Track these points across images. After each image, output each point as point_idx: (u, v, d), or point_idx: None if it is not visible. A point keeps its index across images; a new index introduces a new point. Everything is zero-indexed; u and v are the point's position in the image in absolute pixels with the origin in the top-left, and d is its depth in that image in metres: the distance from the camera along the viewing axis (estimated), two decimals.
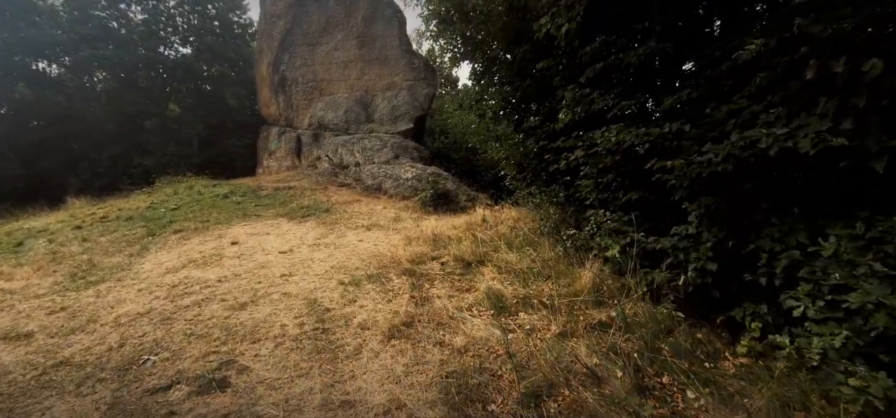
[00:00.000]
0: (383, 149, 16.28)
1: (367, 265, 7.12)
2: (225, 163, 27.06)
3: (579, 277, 5.93)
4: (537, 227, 9.27)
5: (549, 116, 7.88)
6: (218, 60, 28.57)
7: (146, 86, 27.26)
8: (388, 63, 18.20)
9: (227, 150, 27.54)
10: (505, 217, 10.51)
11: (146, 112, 27.06)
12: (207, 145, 27.60)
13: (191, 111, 27.45)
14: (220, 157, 27.30)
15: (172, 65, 27.75)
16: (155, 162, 25.73)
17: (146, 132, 27.03)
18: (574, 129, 6.58)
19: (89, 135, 26.93)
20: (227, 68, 28.68)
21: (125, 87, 26.96)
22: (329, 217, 10.80)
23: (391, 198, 13.91)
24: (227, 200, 13.86)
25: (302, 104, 20.03)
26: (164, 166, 25.24)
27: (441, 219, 11.05)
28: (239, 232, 9.87)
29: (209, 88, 28.61)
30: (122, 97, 26.31)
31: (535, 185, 11.36)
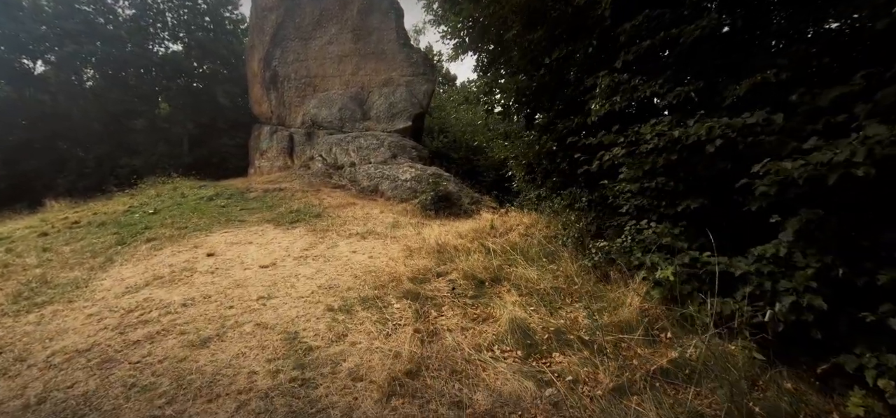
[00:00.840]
0: (380, 148, 15.06)
1: (362, 284, 5.91)
2: (216, 163, 25.70)
3: (621, 303, 4.76)
4: (553, 235, 8.12)
5: (571, 109, 6.72)
6: (209, 57, 27.17)
7: (134, 83, 25.85)
8: (385, 57, 16.96)
9: (219, 150, 26.17)
10: (514, 222, 9.34)
11: (135, 111, 25.64)
12: (198, 145, 26.21)
13: (181, 110, 26.06)
14: (211, 157, 25.94)
15: (162, 62, 26.34)
16: (143, 162, 24.34)
17: (134, 131, 25.61)
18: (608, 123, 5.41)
19: (76, 135, 25.46)
20: (219, 65, 27.28)
21: (112, 84, 25.52)
22: (320, 223, 9.57)
23: (389, 200, 12.70)
24: (212, 203, 12.59)
25: (294, 101, 18.76)
26: (152, 167, 23.87)
27: (444, 225, 9.86)
28: (218, 240, 8.63)
29: (200, 86, 27.22)
30: (109, 95, 24.87)
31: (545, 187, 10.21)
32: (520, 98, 7.19)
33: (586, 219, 7.15)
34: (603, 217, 7.10)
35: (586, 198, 6.94)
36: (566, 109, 6.84)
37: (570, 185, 8.34)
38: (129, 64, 25.70)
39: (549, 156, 7.82)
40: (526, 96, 7.22)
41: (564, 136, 6.77)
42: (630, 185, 5.06)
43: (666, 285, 4.44)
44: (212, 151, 26.15)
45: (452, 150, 18.26)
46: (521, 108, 7.71)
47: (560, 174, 8.13)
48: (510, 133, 8.99)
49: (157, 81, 26.69)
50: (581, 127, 6.26)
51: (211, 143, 26.45)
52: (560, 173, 8.11)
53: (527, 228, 8.81)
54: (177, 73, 26.59)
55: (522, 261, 6.57)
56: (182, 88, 26.37)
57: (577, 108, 6.50)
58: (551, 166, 8.67)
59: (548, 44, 6.72)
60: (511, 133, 8.97)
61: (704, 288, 4.36)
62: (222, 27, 27.32)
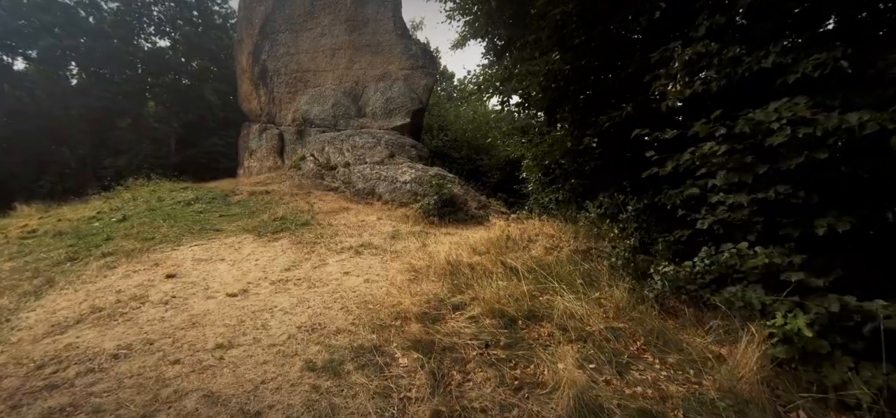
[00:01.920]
0: (376, 146, 13.52)
1: (355, 323, 4.39)
2: (205, 163, 24.05)
3: (717, 359, 3.29)
4: (585, 249, 6.67)
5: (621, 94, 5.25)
6: (197, 53, 25.44)
7: (119, 80, 24.07)
8: (382, 50, 15.40)
9: (209, 150, 24.50)
10: (532, 231, 7.87)
11: (119, 109, 23.87)
12: (187, 144, 24.51)
13: (168, 108, 24.33)
14: (200, 157, 24.27)
15: (148, 58, 24.57)
16: (127, 162, 22.63)
17: (118, 130, 23.86)
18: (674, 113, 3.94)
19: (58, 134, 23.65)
20: (208, 62, 25.57)
21: (96, 81, 23.74)
22: (307, 233, 8.02)
23: (386, 204, 11.18)
24: (189, 209, 11.00)
25: (285, 98, 17.15)
26: (137, 167, 22.21)
27: (451, 234, 8.36)
28: (185, 256, 7.07)
29: (188, 83, 25.48)
30: (91, 92, 23.09)
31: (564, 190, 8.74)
32: (549, 83, 5.70)
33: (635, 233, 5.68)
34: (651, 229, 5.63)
35: (634, 206, 5.47)
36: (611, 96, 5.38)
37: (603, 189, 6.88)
38: (113, 60, 23.90)
39: (582, 154, 6.35)
40: (557, 82, 5.73)
41: (608, 130, 5.29)
42: (735, 196, 3.55)
43: (797, 341, 2.97)
44: (201, 151, 24.48)
45: (453, 149, 16.76)
46: (546, 98, 6.21)
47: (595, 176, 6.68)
48: (528, 128, 7.51)
49: (143, 79, 24.92)
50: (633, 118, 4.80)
51: (200, 143, 24.77)
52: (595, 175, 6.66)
53: (550, 240, 7.34)
54: (163, 70, 24.84)
55: (557, 286, 5.10)
56: (169, 86, 24.63)
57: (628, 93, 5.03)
58: (582, 167, 7.19)
59: (589, 15, 5.24)
60: (529, 128, 7.49)
61: (854, 345, 2.91)
62: (211, 21, 25.59)
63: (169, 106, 24.29)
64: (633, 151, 5.61)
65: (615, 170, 6.17)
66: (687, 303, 4.73)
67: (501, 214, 10.35)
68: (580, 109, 5.87)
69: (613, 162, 6.12)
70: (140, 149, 23.26)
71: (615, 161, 6.05)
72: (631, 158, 5.67)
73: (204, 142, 24.65)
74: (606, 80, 5.46)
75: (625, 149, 5.57)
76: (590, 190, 7.77)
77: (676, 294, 4.62)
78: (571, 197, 8.80)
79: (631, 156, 5.67)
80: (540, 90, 5.90)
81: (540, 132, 7.40)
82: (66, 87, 24.56)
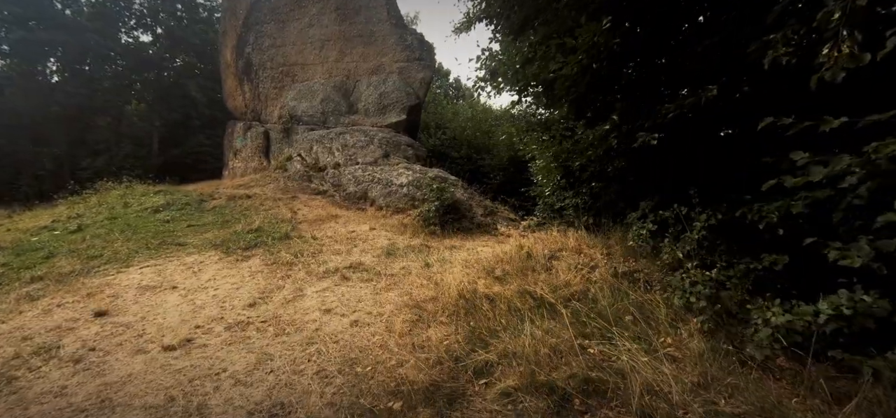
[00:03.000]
0: (369, 145, 12.02)
1: (334, 404, 2.93)
2: (191, 164, 22.33)
3: None
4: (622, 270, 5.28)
5: (696, 73, 3.82)
6: (182, 48, 23.68)
7: (98, 77, 22.26)
8: (375, 40, 13.87)
9: (194, 150, 22.78)
10: (552, 243, 6.50)
11: (97, 107, 22.06)
12: (171, 144, 22.77)
13: (150, 105, 22.56)
14: (185, 158, 22.55)
15: (129, 53, 22.78)
16: (106, 163, 20.88)
17: (97, 129, 22.06)
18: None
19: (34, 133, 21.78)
20: (193, 58, 23.82)
21: (72, 78, 21.91)
22: (286, 249, 6.52)
23: (380, 210, 9.70)
24: (156, 217, 9.44)
25: (271, 93, 15.56)
26: (117, 168, 20.45)
27: (457, 248, 6.92)
28: (131, 281, 5.55)
29: (172, 80, 23.70)
30: (68, 89, 21.26)
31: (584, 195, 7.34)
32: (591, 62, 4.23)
33: (711, 257, 4.26)
34: (720, 252, 4.23)
35: (705, 222, 4.05)
36: (677, 77, 3.97)
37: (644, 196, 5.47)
38: (91, 55, 22.06)
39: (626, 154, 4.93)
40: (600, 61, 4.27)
41: (671, 122, 3.87)
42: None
43: None
44: (186, 151, 22.76)
45: (452, 149, 15.27)
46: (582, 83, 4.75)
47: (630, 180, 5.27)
48: (552, 124, 6.07)
49: (124, 75, 23.12)
50: (717, 102, 3.39)
51: (185, 142, 23.04)
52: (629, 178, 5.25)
53: (577, 257, 5.94)
54: (145, 66, 23.05)
55: (609, 329, 3.70)
56: (152, 82, 22.85)
57: (708, 71, 3.61)
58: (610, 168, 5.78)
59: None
60: (553, 124, 6.06)
61: None
62: (196, 15, 23.82)
63: (151, 103, 22.50)
64: (709, 148, 4.20)
65: (672, 173, 4.75)
66: (793, 360, 3.35)
67: (511, 222, 8.92)
68: (634, 95, 4.45)
69: (670, 163, 4.70)
70: (120, 149, 21.51)
71: (674, 162, 4.63)
72: (704, 158, 4.26)
73: (189, 141, 22.93)
74: (672, 55, 4.05)
75: (695, 147, 4.15)
76: (624, 196, 6.36)
77: (784, 352, 3.23)
78: (592, 203, 7.40)
79: (704, 154, 4.26)
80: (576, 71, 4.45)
81: (565, 128, 5.99)
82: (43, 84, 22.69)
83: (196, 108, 23.04)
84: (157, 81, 22.88)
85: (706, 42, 3.52)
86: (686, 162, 4.35)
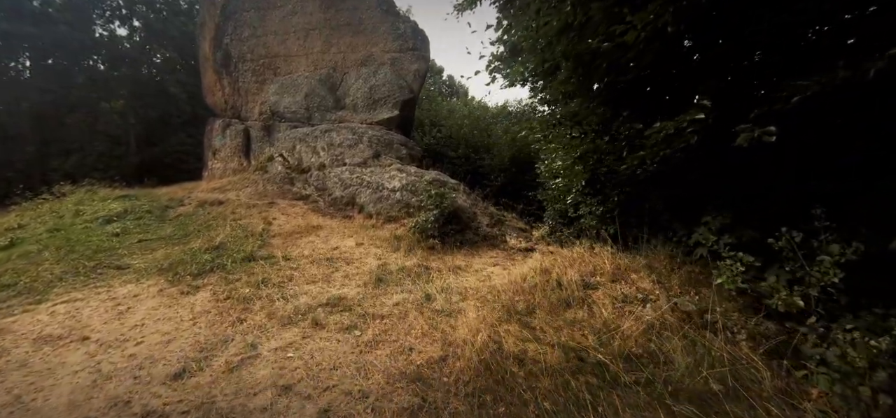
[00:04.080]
0: (358, 145, 10.53)
1: None
2: (170, 164, 20.58)
3: None
4: (685, 307, 3.94)
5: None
6: (161, 42, 21.87)
7: (71, 72, 20.40)
8: (364, 29, 12.34)
9: (174, 149, 21.01)
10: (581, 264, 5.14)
11: (71, 103, 20.20)
12: (149, 143, 20.97)
13: (127, 102, 20.74)
14: (164, 158, 20.78)
15: (104, 47, 20.93)
16: (78, 163, 19.06)
17: (71, 127, 20.20)
18: None
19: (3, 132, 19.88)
20: (174, 52, 22.01)
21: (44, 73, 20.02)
22: (247, 276, 5.03)
23: (370, 218, 8.23)
24: (105, 229, 7.88)
25: (251, 88, 13.97)
26: (90, 168, 18.71)
27: (463, 270, 5.50)
28: (33, 326, 4.03)
29: (150, 75, 21.90)
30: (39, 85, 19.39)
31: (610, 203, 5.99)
32: (668, 22, 2.85)
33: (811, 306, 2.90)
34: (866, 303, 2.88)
35: (839, 256, 2.68)
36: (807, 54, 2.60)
37: (704, 208, 4.11)
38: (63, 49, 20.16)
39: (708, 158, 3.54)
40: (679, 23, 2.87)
41: (793, 110, 2.48)
42: None
43: None
44: (166, 150, 20.98)
45: (449, 148, 13.81)
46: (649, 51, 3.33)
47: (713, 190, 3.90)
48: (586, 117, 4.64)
49: (99, 70, 21.25)
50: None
51: (165, 141, 21.24)
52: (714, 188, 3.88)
53: (616, 285, 4.58)
54: (122, 61, 21.22)
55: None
56: (128, 78, 20.98)
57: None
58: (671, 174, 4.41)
59: None
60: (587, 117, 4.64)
61: None
62: (176, 6, 22.00)
63: (129, 100, 20.67)
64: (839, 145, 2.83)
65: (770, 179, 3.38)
66: None
67: (521, 233, 7.52)
68: (737, 80, 3.09)
69: (763, 165, 3.32)
70: (94, 148, 19.70)
71: (774, 163, 3.25)
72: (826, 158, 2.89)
73: (169, 140, 21.17)
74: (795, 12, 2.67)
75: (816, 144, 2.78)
76: (673, 207, 4.99)
77: None
78: (620, 212, 6.03)
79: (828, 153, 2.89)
80: (644, 37, 3.06)
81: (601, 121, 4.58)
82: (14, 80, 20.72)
83: (176, 105, 21.27)
84: (134, 77, 21.03)
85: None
86: (797, 164, 2.97)
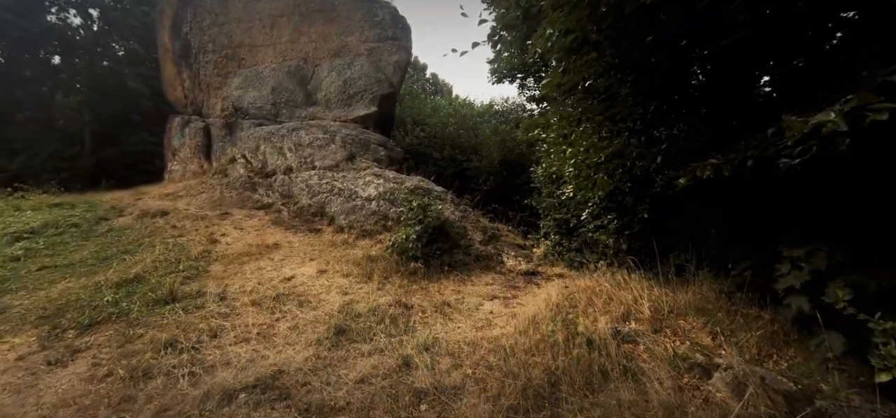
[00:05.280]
0: (330, 145, 9.01)
1: None
2: (131, 164, 18.50)
3: None
4: (785, 388, 2.63)
5: None
6: (121, 33, 19.76)
7: (15, 64, 18.15)
8: (338, 16, 10.79)
9: (135, 149, 18.91)
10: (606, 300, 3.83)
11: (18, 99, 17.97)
12: (107, 142, 18.84)
13: (81, 97, 18.60)
14: (124, 158, 18.69)
15: (55, 37, 18.72)
16: (24, 164, 16.87)
17: (15, 126, 17.97)
18: None
19: None
20: (135, 44, 19.91)
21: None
22: (155, 332, 3.52)
23: (341, 233, 6.76)
24: (6, 251, 6.18)
25: (213, 82, 12.26)
26: (39, 170, 16.62)
27: (453, 311, 4.14)
28: None
29: (107, 69, 19.76)
30: None
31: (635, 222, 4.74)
32: None
33: None
34: None
35: None
36: None
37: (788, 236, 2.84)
38: (9, 39, 17.88)
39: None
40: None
41: None
42: None
43: None
44: (125, 150, 18.86)
45: (433, 148, 12.38)
46: None
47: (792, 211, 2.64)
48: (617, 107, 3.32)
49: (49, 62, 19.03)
50: None
51: (125, 140, 19.10)
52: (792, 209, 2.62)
53: (668, 336, 3.28)
54: (74, 51, 19.04)
55: None
56: (83, 71, 18.82)
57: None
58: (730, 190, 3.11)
59: None
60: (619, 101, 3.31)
61: None
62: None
63: (83, 95, 18.52)
64: None
65: None
66: None
67: (520, 252, 6.17)
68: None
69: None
70: (43, 147, 17.53)
71: None
72: None
73: (130, 139, 19.07)
74: None
75: None
76: (737, 229, 3.71)
77: None
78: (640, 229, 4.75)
79: None
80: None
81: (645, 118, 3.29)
82: None
83: (137, 101, 19.21)
84: (91, 70, 18.85)
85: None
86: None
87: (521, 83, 11.41)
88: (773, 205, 3.17)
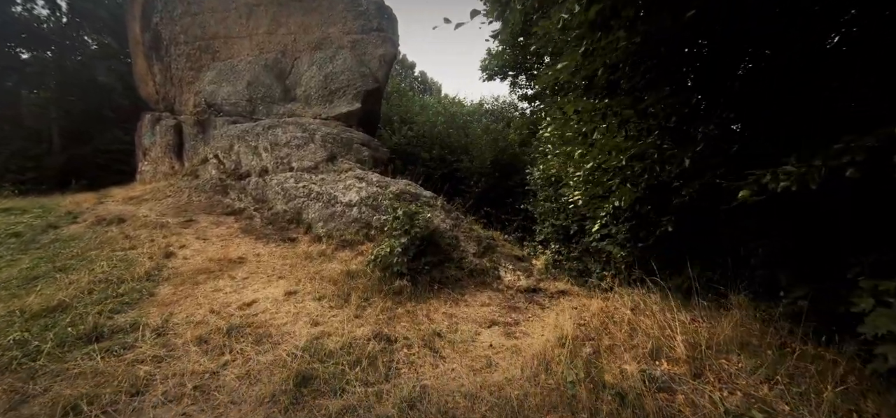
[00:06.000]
0: (309, 144, 8.17)
1: None
2: (104, 164, 17.33)
3: None
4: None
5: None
6: (92, 25, 18.51)
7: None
8: (318, 6, 9.92)
9: (108, 148, 17.72)
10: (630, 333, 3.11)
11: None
12: (78, 140, 17.61)
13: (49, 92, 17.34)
14: (96, 157, 17.49)
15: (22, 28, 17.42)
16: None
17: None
18: None
19: None
20: (107, 37, 18.68)
21: None
22: (60, 387, 2.71)
23: (318, 242, 5.96)
24: None
25: (186, 76, 11.29)
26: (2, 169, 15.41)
27: (446, 344, 3.38)
28: None
29: (78, 64, 18.49)
30: None
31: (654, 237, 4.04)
32: None
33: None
34: None
35: None
36: None
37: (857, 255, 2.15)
38: None
39: None
40: None
41: None
42: None
43: None
44: (97, 149, 17.65)
45: (422, 148, 11.59)
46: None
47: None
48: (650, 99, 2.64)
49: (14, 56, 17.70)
50: None
51: (98, 138, 17.87)
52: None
53: (717, 387, 2.56)
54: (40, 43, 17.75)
55: None
56: (51, 65, 17.54)
57: None
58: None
59: None
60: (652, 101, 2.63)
61: None
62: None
63: (52, 91, 17.25)
64: None
65: None
66: None
67: (518, 264, 5.44)
68: None
69: None
70: (7, 146, 16.28)
71: None
72: None
73: (102, 137, 17.87)
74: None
75: None
76: (788, 257, 3.03)
77: None
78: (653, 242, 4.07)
79: None
80: None
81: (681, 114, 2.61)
82: None
83: (110, 98, 18.02)
84: (59, 64, 17.58)
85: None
86: None
87: (513, 81, 10.73)
88: (846, 222, 2.49)
